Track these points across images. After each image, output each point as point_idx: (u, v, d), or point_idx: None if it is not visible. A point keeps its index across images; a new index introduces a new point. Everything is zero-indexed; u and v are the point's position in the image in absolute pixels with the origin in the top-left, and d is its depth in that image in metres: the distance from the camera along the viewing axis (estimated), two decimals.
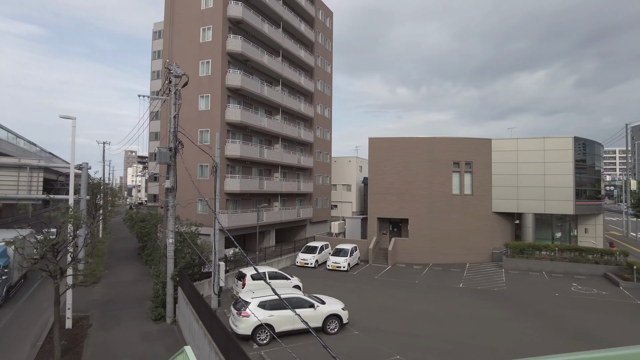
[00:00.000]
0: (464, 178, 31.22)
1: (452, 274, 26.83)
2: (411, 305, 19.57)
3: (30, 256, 13.12)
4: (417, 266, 29.35)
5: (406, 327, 16.25)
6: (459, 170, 31.23)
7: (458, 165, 31.23)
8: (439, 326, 16.53)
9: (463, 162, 31.19)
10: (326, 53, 45.80)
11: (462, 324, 16.87)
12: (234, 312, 14.19)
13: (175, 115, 17.65)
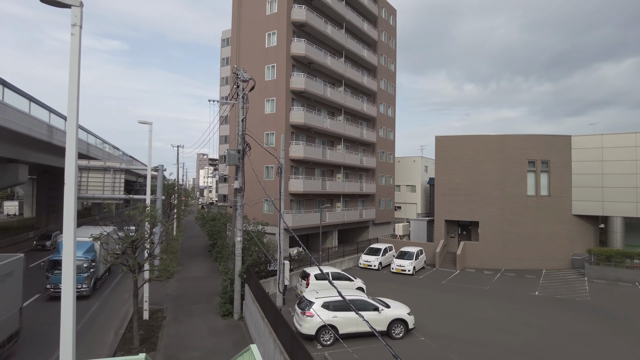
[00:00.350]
0: (539, 178, 29.03)
1: (527, 281, 25.03)
2: (482, 312, 18.51)
3: (113, 251, 14.20)
4: (488, 272, 27.76)
5: (476, 336, 15.36)
6: (534, 169, 29.09)
7: (533, 165, 29.10)
8: (514, 336, 15.43)
9: (539, 161, 29.01)
10: (389, 51, 45.04)
11: (539, 335, 15.61)
12: (298, 311, 14.31)
13: (243, 118, 18.23)
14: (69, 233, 6.33)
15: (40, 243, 32.39)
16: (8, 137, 23.42)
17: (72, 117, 6.41)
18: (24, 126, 22.95)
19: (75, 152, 6.35)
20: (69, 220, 6.32)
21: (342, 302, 14.05)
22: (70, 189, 6.34)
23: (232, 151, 18.05)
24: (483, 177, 29.50)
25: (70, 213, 6.33)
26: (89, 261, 19.72)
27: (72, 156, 6.31)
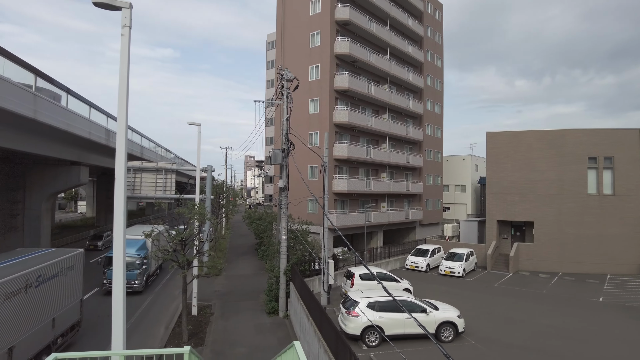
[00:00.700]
0: (602, 175, 26.94)
1: (589, 286, 23.28)
2: (538, 318, 17.38)
3: (164, 247, 14.69)
4: (544, 275, 26.13)
5: (532, 342, 14.42)
6: (595, 166, 27.05)
7: (595, 161, 27.06)
8: (575, 345, 14.33)
9: (601, 157, 26.93)
10: (436, 47, 43.80)
11: (604, 345, 14.40)
12: (343, 310, 14.10)
13: (287, 118, 18.32)
14: (118, 231, 6.54)
15: (92, 243, 33.01)
16: (71, 141, 25.01)
17: (122, 116, 6.62)
18: (85, 130, 24.43)
19: (124, 150, 6.54)
20: (119, 218, 6.52)
21: (388, 302, 13.68)
22: (120, 188, 6.53)
23: (276, 150, 18.18)
24: (538, 175, 27.82)
25: (119, 212, 6.53)
26: (141, 258, 20.56)
27: (122, 155, 6.50)
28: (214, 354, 13.64)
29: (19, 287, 10.75)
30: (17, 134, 19.62)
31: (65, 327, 13.36)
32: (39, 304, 11.74)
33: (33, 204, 27.97)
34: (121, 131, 6.58)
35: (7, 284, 10.22)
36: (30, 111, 17.83)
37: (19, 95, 16.78)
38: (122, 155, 6.50)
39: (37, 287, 11.69)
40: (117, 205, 6.54)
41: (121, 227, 6.57)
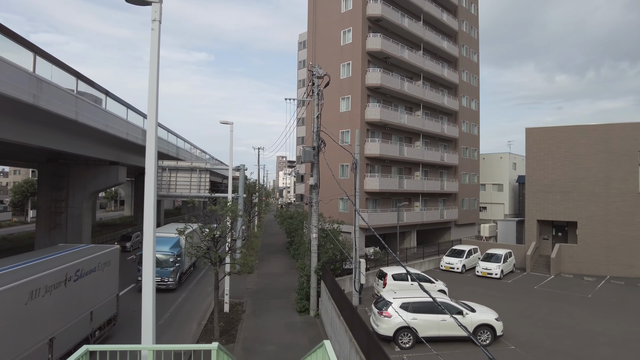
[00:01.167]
0: None
1: None
2: (584, 323, 16.35)
3: (197, 244, 14.82)
4: (589, 278, 24.67)
5: (579, 350, 13.54)
6: None
7: None
8: (628, 355, 13.32)
9: None
10: (471, 41, 42.48)
11: None
12: (375, 311, 13.74)
13: (318, 115, 18.14)
14: (148, 228, 6.54)
15: (120, 244, 33.67)
16: (110, 142, 25.85)
17: (152, 112, 6.58)
18: (123, 131, 25.17)
19: (154, 147, 6.50)
20: (149, 216, 6.51)
21: (422, 303, 13.22)
22: (150, 185, 6.51)
23: (307, 148, 18.04)
24: (583, 172, 26.30)
25: (149, 209, 6.52)
26: (174, 256, 20.88)
27: (152, 152, 6.46)
28: (244, 351, 13.63)
29: (59, 281, 11.08)
30: (61, 135, 20.46)
31: (103, 320, 13.73)
32: (77, 298, 12.08)
33: (75, 203, 29.12)
34: (151, 128, 6.56)
35: (48, 277, 10.55)
36: (72, 113, 18.50)
37: (62, 98, 17.45)
38: (152, 152, 6.47)
39: (76, 281, 12.04)
40: (147, 203, 6.53)
41: (151, 224, 6.58)
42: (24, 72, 15.36)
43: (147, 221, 6.52)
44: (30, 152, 26.83)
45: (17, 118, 17.14)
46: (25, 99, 15.39)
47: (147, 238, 6.50)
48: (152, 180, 6.52)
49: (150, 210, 6.54)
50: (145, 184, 6.59)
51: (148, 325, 6.44)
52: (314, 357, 6.90)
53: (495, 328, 13.37)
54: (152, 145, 6.51)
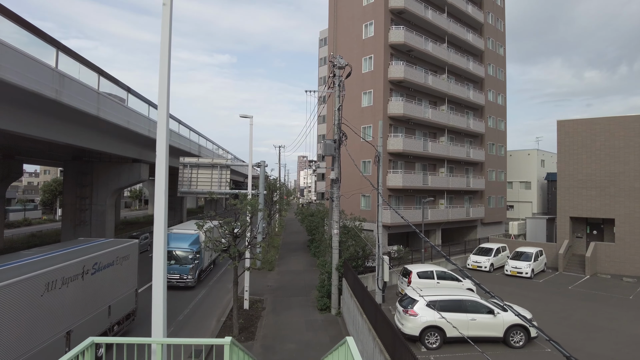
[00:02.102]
0: None
1: None
2: (627, 326, 15.22)
3: (216, 239, 14.49)
4: (629, 279, 23.23)
5: (623, 355, 12.53)
6: None
7: None
8: None
9: None
10: (498, 34, 41.07)
11: None
12: (400, 309, 13.07)
13: (339, 107, 17.61)
14: (159, 218, 6.13)
15: None
16: (133, 139, 25.95)
17: (163, 95, 6.16)
18: (145, 128, 25.20)
19: (166, 138, 6.03)
20: (160, 211, 6.11)
21: (451, 301, 12.51)
22: (161, 176, 6.09)
23: (328, 141, 17.51)
24: (621, 167, 24.77)
25: (160, 206, 6.11)
26: (194, 253, 20.66)
27: (163, 143, 6.03)
28: (263, 349, 13.21)
29: (76, 273, 10.90)
30: (85, 132, 20.59)
31: (121, 315, 13.54)
32: (95, 291, 11.90)
33: (99, 200, 29.45)
34: (162, 117, 6.09)
35: (65, 269, 10.37)
36: (94, 109, 18.52)
37: (84, 94, 17.48)
38: (162, 143, 6.02)
39: (94, 275, 11.86)
40: (158, 193, 6.11)
41: (162, 208, 6.16)
42: (46, 68, 15.39)
43: (158, 205, 6.11)
44: (56, 149, 27.23)
45: (42, 114, 17.28)
46: (48, 94, 15.42)
47: (158, 224, 6.09)
48: (163, 167, 6.09)
49: (161, 195, 6.12)
50: (156, 175, 6.16)
51: (159, 317, 6.04)
52: (335, 355, 6.38)
53: (529, 329, 12.48)
54: (162, 134, 6.05)
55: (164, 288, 6.10)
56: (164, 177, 6.16)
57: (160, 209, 6.19)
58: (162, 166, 6.09)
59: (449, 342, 12.31)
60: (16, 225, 48.78)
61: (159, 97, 6.19)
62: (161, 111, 6.11)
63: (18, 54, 13.21)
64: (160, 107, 6.16)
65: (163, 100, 6.14)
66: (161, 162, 6.06)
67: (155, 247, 6.12)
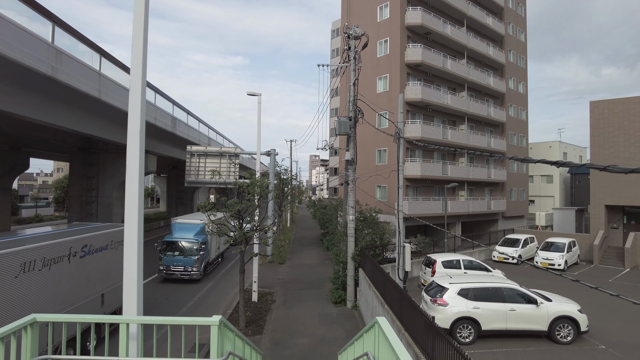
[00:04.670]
0: None
1: None
2: None
3: (220, 221, 13.16)
4: None
5: None
6: None
7: None
8: None
9: None
10: (518, 19, 39.12)
11: None
12: (427, 298, 11.49)
13: (354, 81, 16.16)
14: (132, 211, 4.79)
15: None
16: None
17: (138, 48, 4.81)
18: (151, 115, 24.07)
19: (140, 107, 4.71)
20: (133, 199, 4.76)
21: (486, 289, 10.94)
22: (134, 150, 4.75)
23: (342, 118, 16.07)
24: None
25: (134, 189, 4.76)
26: (199, 243, 19.40)
27: (137, 113, 4.70)
28: (273, 344, 11.84)
29: (61, 255, 9.65)
30: (87, 118, 19.50)
31: (117, 305, 12.25)
32: (85, 277, 10.65)
33: (105, 192, 28.50)
34: (136, 76, 4.74)
35: (46, 249, 9.13)
36: (95, 90, 17.40)
37: (84, 74, 16.38)
38: (137, 113, 4.68)
39: (83, 258, 10.61)
40: (131, 185, 4.76)
41: (136, 209, 4.80)
42: (41, 42, 14.27)
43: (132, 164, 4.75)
44: (61, 139, 26.34)
45: (40, 96, 16.25)
46: (44, 70, 14.30)
47: (131, 183, 4.72)
48: (137, 144, 4.72)
49: (135, 159, 4.76)
50: (128, 141, 4.79)
51: (132, 292, 4.70)
52: (365, 338, 4.96)
53: (578, 322, 10.77)
54: (137, 99, 4.69)
55: (138, 258, 4.74)
56: (138, 143, 4.82)
57: (133, 170, 4.84)
58: (136, 126, 4.74)
59: (484, 336, 10.73)
60: (28, 221, 48.80)
61: (133, 37, 4.83)
62: (136, 52, 4.75)
63: (9, 23, 12.09)
64: (134, 46, 4.80)
65: (138, 42, 4.79)
66: (135, 122, 4.70)
67: (128, 203, 4.76)
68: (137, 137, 4.78)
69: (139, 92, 4.74)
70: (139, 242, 4.67)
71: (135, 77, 4.73)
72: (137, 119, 4.73)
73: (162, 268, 18.91)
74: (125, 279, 4.71)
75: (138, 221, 4.70)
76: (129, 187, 4.75)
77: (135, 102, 4.70)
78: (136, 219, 4.66)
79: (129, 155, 4.80)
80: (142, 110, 4.80)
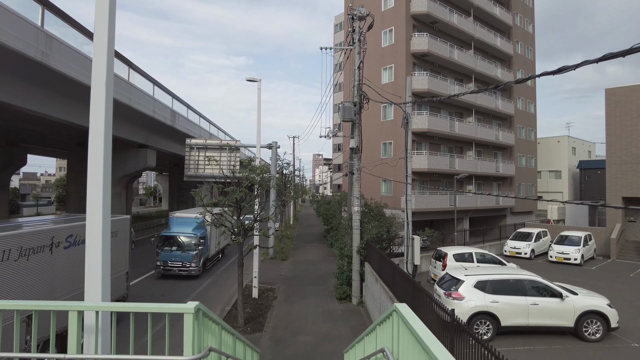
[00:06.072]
0: None
1: None
2: None
3: (216, 211, 12.34)
4: None
5: None
6: None
7: None
8: None
9: None
10: (526, 10, 38.13)
11: None
12: (441, 292, 10.57)
13: (359, 65, 15.30)
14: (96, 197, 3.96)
15: None
16: (137, 121, 24.11)
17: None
18: (149, 108, 23.32)
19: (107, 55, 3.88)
20: (97, 159, 3.93)
21: (505, 281, 10.04)
22: (97, 147, 3.92)
23: (347, 103, 15.19)
24: None
25: (98, 173, 3.93)
26: (198, 238, 18.59)
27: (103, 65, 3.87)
28: (273, 342, 10.98)
29: (41, 245, 8.84)
30: (83, 109, 18.71)
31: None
32: (70, 270, 9.84)
33: None
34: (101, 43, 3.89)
35: (23, 237, 8.31)
36: (87, 78, 16.51)
37: (76, 60, 15.63)
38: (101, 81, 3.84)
39: (67, 249, 9.79)
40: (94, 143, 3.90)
41: (100, 194, 3.98)
42: (30, 25, 13.52)
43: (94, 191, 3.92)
44: (58, 133, 25.65)
45: (31, 84, 15.56)
46: (32, 55, 13.54)
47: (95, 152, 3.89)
48: (101, 125, 3.88)
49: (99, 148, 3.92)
50: (89, 149, 3.96)
51: (96, 276, 3.87)
52: (379, 332, 4.10)
53: (608, 317, 9.83)
54: (102, 64, 3.87)
55: (102, 235, 3.90)
56: (102, 136, 3.96)
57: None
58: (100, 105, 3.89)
59: (503, 333, 9.82)
60: None
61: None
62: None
63: None
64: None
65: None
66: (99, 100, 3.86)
67: (91, 163, 3.93)
68: (103, 85, 3.95)
69: (104, 42, 3.88)
70: (104, 212, 3.83)
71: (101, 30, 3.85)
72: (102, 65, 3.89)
73: (159, 264, 18.11)
74: (87, 260, 3.87)
75: (103, 184, 3.87)
76: (92, 147, 3.91)
77: (102, 49, 3.85)
78: (101, 177, 3.83)
79: (93, 100, 3.96)
80: (109, 62, 3.97)
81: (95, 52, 3.85)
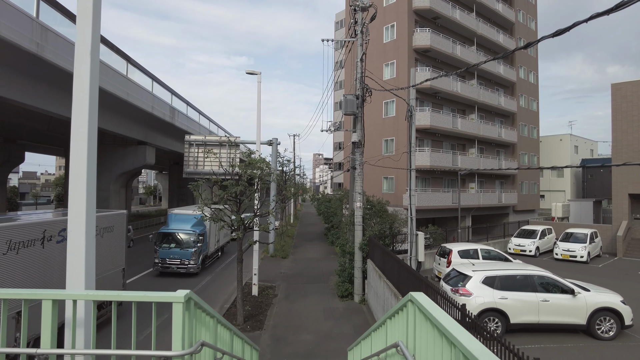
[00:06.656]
0: None
1: None
2: None
3: (207, 197, 12.05)
4: None
5: None
6: None
7: None
8: None
9: None
10: (529, 6, 37.80)
11: None
12: (447, 288, 10.21)
13: (361, 57, 14.96)
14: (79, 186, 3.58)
15: None
16: (135, 117, 23.78)
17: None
18: (148, 104, 22.99)
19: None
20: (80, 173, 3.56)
21: (514, 277, 9.70)
22: (80, 141, 3.57)
23: (349, 96, 14.86)
24: None
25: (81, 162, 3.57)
26: (196, 235, 18.24)
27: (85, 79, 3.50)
28: (273, 340, 10.63)
29: (32, 238, 8.50)
30: None
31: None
32: (64, 264, 9.49)
33: (102, 185, 27.34)
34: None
35: (13, 230, 7.97)
36: None
37: (73, 53, 15.27)
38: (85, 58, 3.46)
39: (60, 243, 9.44)
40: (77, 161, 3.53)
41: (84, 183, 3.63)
42: (24, 15, 13.20)
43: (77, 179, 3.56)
44: (55, 129, 25.32)
45: (26, 77, 15.24)
46: (27, 46, 13.21)
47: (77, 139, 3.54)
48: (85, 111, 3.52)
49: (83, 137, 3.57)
50: (71, 142, 3.60)
51: (79, 264, 3.53)
52: (390, 326, 3.74)
53: (622, 314, 9.46)
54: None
55: (87, 220, 3.54)
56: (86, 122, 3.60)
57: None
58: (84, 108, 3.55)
59: (512, 331, 9.47)
60: None
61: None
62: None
63: None
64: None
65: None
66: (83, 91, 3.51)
67: (73, 139, 3.58)
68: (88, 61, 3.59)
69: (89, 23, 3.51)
70: (88, 190, 3.46)
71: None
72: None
73: (157, 261, 17.75)
74: (69, 244, 3.52)
75: (87, 162, 3.50)
76: (75, 123, 3.55)
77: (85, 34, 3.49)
78: (85, 155, 3.47)
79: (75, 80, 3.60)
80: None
81: (79, 32, 3.47)
